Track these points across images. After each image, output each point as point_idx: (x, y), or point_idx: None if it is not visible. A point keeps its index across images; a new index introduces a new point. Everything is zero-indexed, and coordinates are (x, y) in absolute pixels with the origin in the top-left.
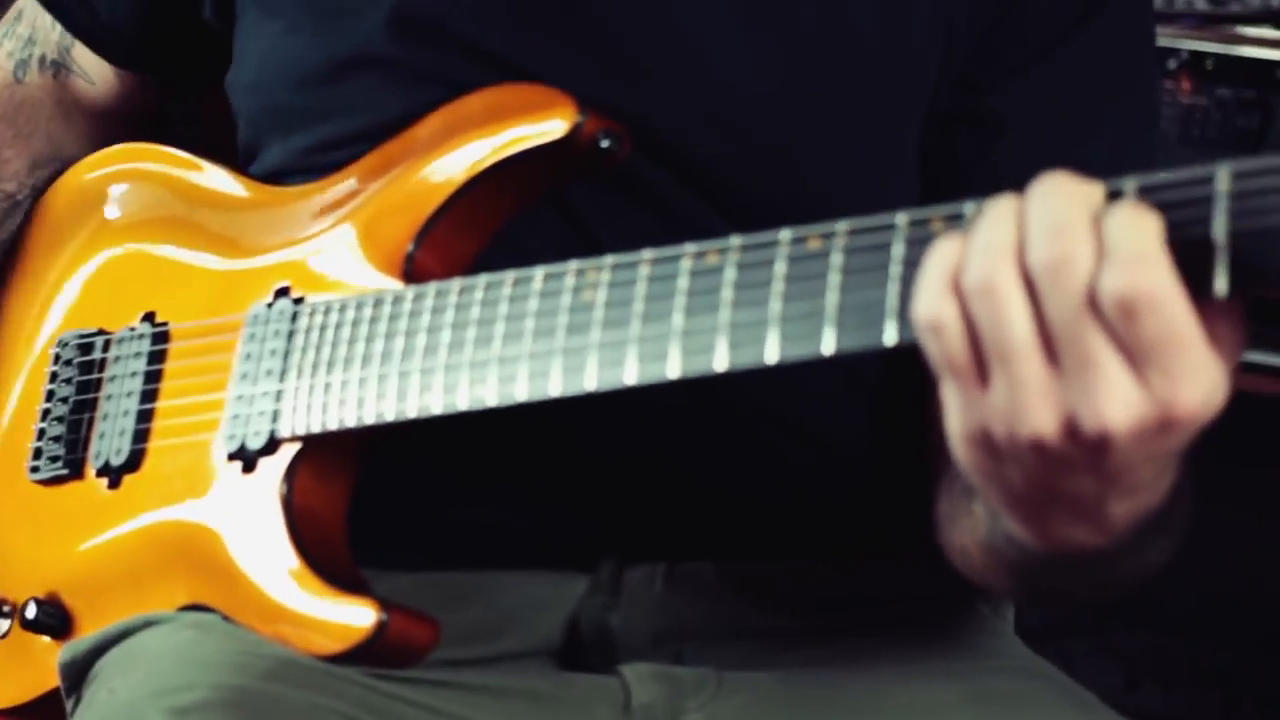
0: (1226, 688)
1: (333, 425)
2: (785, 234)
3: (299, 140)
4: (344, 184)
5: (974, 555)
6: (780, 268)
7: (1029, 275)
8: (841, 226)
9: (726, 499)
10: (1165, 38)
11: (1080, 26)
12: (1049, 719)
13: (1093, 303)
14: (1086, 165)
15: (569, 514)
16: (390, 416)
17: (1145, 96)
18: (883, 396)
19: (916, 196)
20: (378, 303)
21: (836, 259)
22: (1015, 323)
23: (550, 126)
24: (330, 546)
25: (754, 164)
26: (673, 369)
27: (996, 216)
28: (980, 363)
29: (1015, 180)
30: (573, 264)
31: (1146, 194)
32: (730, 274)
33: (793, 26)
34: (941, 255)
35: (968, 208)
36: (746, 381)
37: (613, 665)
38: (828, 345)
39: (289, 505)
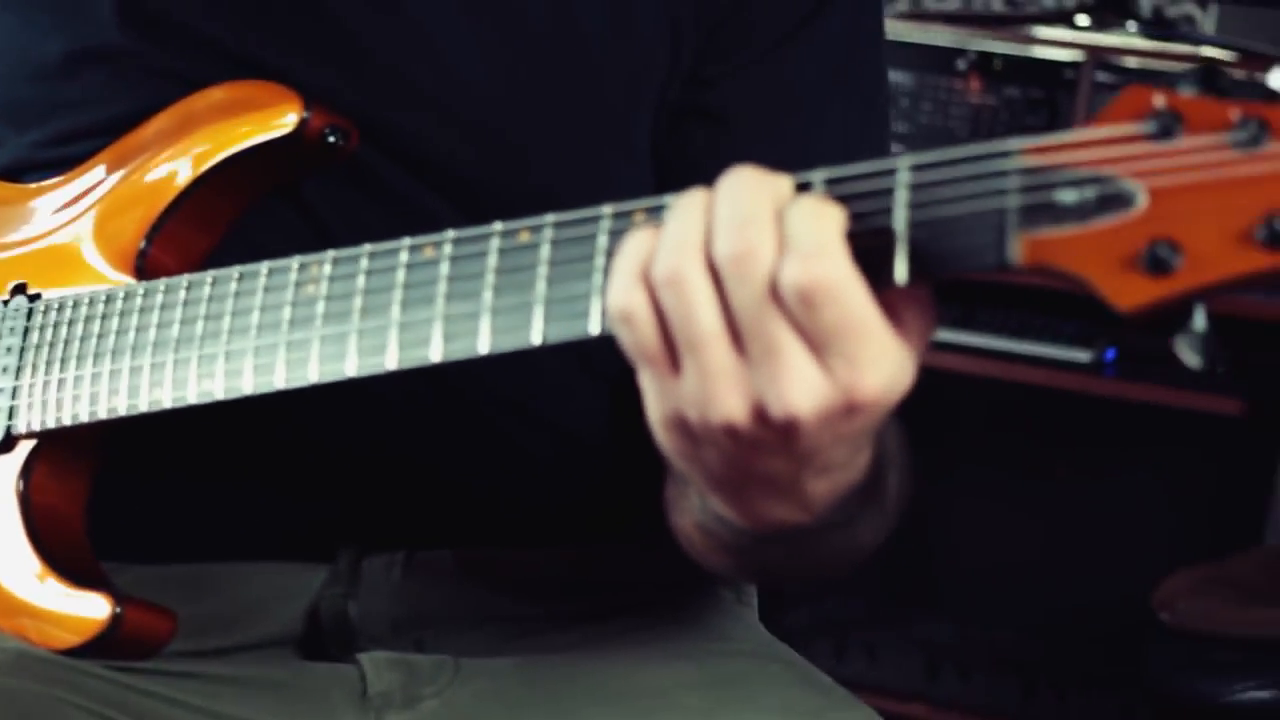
0: (1023, 674)
1: (66, 421)
2: (497, 226)
3: (32, 135)
4: (80, 180)
5: (695, 537)
6: (492, 260)
7: (715, 266)
8: (549, 219)
9: (464, 487)
10: (955, 38)
11: (805, 24)
12: (780, 698)
13: (775, 293)
14: (810, 160)
15: (308, 504)
16: (122, 411)
17: (872, 94)
18: (619, 384)
19: (650, 189)
20: (109, 299)
21: (545, 251)
22: (702, 313)
23: (276, 122)
24: (69, 541)
25: (487, 159)
26: (390, 360)
27: (686, 209)
28: (671, 351)
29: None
30: (296, 259)
31: (833, 186)
32: (445, 267)
33: (521, 23)
34: (633, 247)
35: (669, 200)
36: (482, 370)
37: (352, 654)
38: (536, 335)
39: (25, 501)
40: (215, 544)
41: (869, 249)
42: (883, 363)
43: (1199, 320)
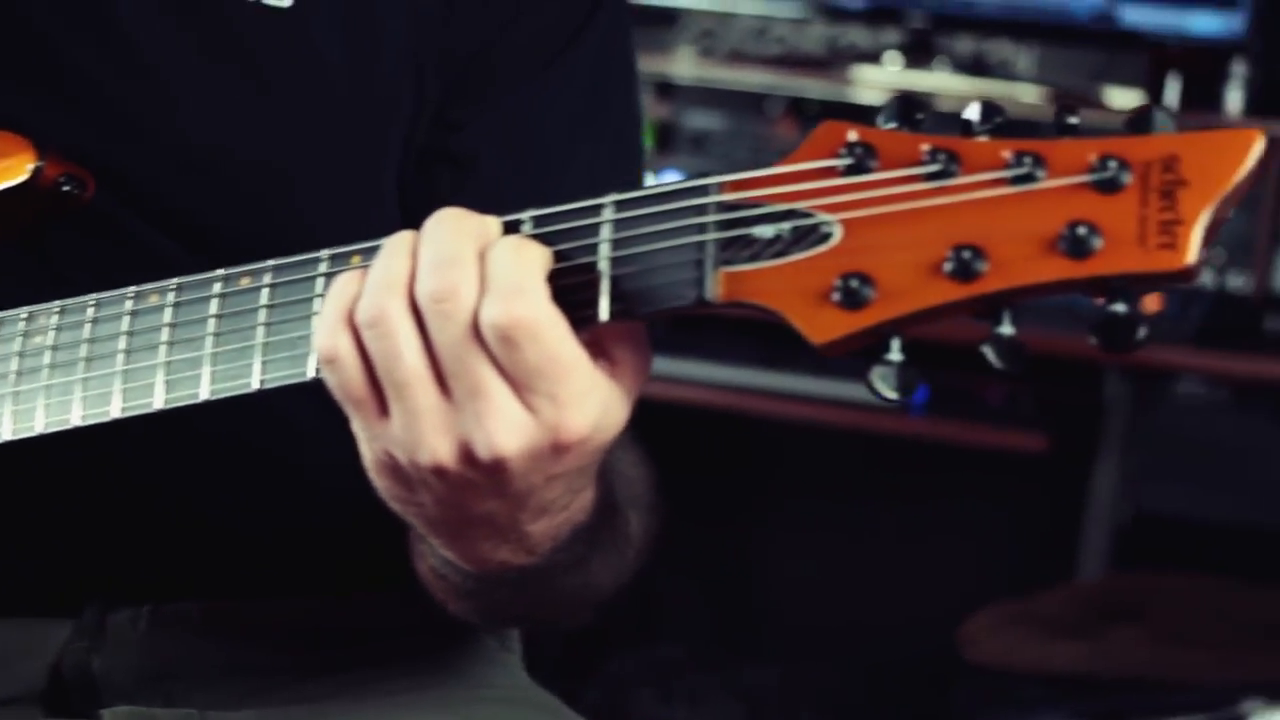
0: (843, 716)
1: None
2: (219, 273)
3: None
4: None
5: (432, 582)
6: (214, 307)
7: (418, 307)
8: (269, 264)
9: (209, 537)
10: (770, 81)
11: (550, 66)
12: None
13: (477, 333)
14: (557, 202)
15: (50, 559)
16: None
17: (622, 133)
18: None
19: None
20: None
21: (264, 296)
22: (406, 354)
23: (10, 171)
24: None
25: (226, 206)
26: (115, 409)
27: (392, 251)
28: (379, 393)
29: (491, 212)
30: (25, 309)
31: (541, 225)
32: (168, 314)
33: (262, 68)
34: (339, 290)
35: (383, 243)
36: (224, 418)
37: (96, 710)
38: (255, 381)
39: None
40: None
41: (574, 287)
42: (588, 401)
43: (895, 352)
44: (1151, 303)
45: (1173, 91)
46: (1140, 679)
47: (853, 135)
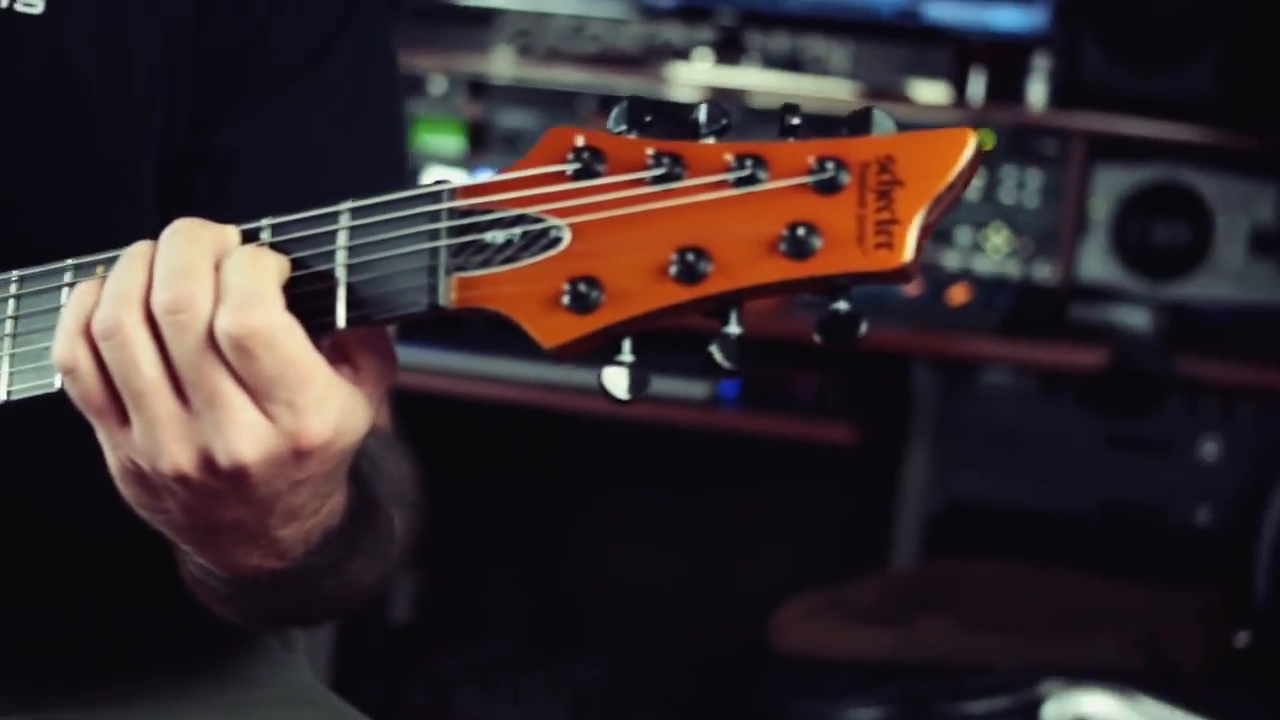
0: (667, 709)
1: None
2: None
3: None
4: None
5: (195, 588)
6: None
7: (154, 318)
8: (14, 275)
9: None
10: (583, 78)
11: (308, 69)
12: None
13: (214, 342)
14: (318, 203)
15: None
16: None
17: (383, 136)
18: None
19: None
20: None
21: (10, 306)
22: (143, 365)
23: None
24: None
25: None
26: None
27: (129, 261)
28: (118, 403)
29: (249, 219)
30: None
31: (279, 233)
32: None
33: (13, 75)
34: (77, 301)
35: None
36: None
37: None
38: (2, 391)
39: None
40: None
41: (311, 295)
42: (327, 407)
43: (625, 353)
44: (959, 294)
45: (978, 84)
46: (947, 665)
47: (580, 140)
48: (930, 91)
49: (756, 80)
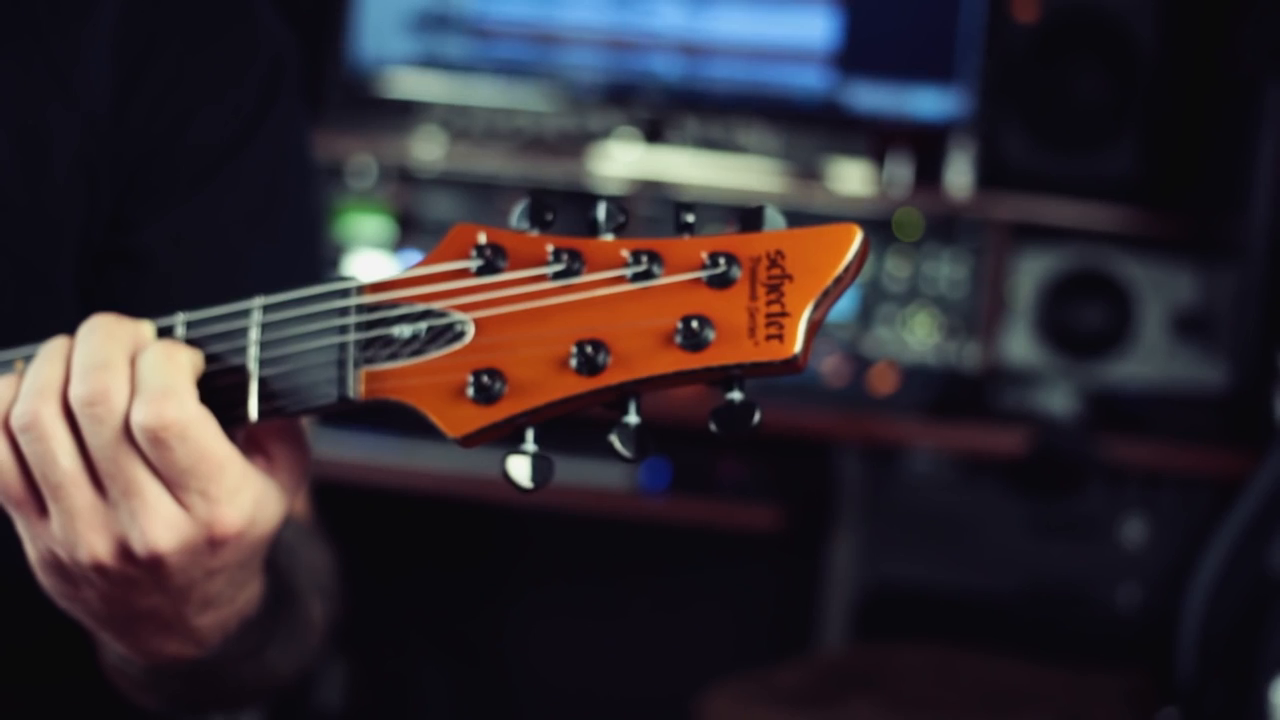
0: None
1: None
2: None
3: None
4: None
5: (114, 676)
6: None
7: (72, 411)
8: None
9: None
10: (509, 165)
11: (222, 167)
12: None
13: (129, 434)
14: (235, 298)
15: None
16: None
17: (298, 231)
18: None
19: None
20: None
21: None
22: (60, 457)
23: None
24: None
25: None
26: None
27: (46, 356)
28: (37, 495)
29: (167, 315)
30: None
31: (193, 328)
32: None
33: None
34: None
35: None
36: None
37: None
38: None
39: None
40: None
41: (225, 388)
42: (240, 496)
43: (529, 442)
44: (883, 379)
45: (900, 169)
46: None
47: (482, 237)
48: (854, 173)
49: (683, 162)
